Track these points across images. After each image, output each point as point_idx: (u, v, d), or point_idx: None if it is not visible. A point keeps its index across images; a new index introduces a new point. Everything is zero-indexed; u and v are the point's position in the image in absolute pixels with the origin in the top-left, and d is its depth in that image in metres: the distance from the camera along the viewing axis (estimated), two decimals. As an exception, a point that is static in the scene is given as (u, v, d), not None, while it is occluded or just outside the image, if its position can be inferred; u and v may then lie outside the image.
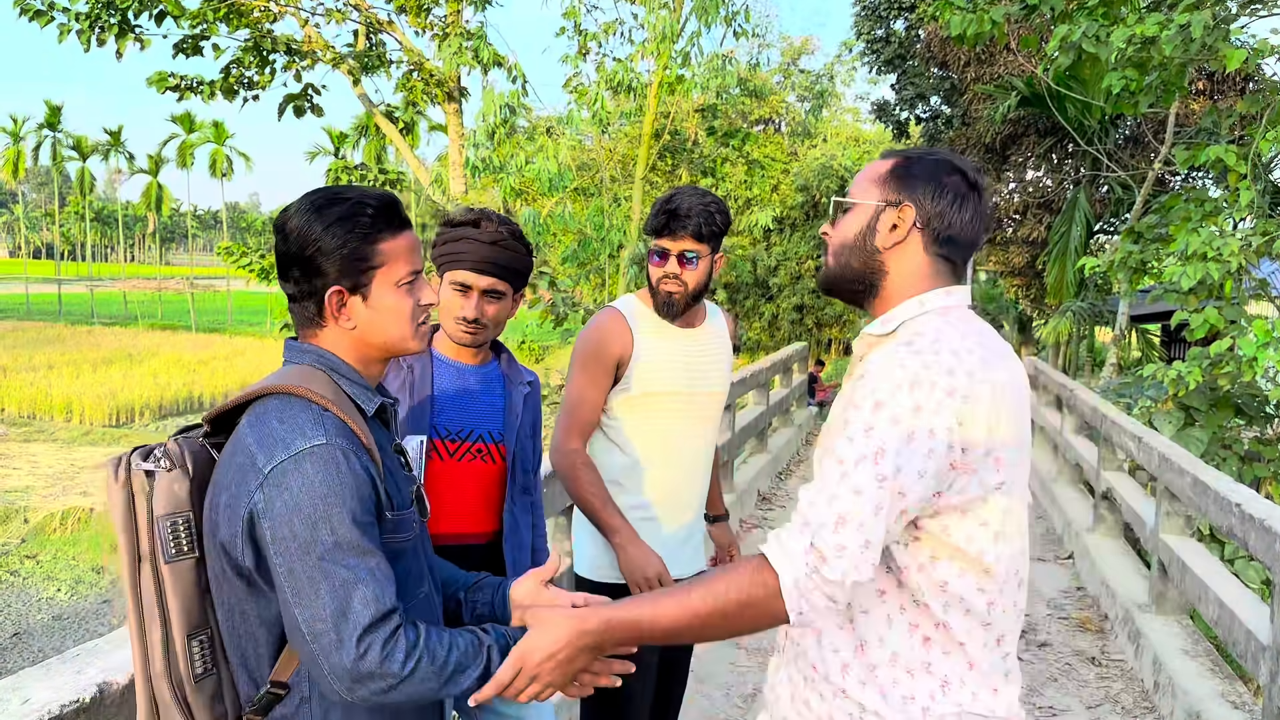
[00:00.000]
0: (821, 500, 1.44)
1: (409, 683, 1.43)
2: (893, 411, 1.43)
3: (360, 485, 1.45)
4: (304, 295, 1.55)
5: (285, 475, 1.41)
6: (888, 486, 1.42)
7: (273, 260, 11.48)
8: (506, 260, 2.29)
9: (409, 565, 1.60)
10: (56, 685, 1.59)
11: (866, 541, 1.41)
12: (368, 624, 1.40)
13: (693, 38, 13.05)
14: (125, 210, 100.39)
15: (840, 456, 1.45)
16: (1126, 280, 10.98)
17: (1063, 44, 7.44)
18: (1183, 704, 4.17)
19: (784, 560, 1.43)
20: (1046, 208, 16.63)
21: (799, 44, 30.42)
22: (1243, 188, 7.49)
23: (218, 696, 1.49)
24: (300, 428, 1.44)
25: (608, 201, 14.28)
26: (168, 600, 1.45)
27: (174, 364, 32.45)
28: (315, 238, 1.51)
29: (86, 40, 12.53)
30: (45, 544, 14.91)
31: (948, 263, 1.64)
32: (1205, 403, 8.07)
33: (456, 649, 1.49)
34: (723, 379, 2.81)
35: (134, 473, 1.46)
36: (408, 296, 1.58)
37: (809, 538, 1.42)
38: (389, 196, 1.59)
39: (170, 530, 1.45)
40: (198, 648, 1.46)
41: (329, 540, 1.41)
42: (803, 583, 1.41)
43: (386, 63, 13.86)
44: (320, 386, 1.51)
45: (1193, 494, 4.65)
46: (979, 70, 15.85)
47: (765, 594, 1.43)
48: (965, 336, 1.51)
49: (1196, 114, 13.46)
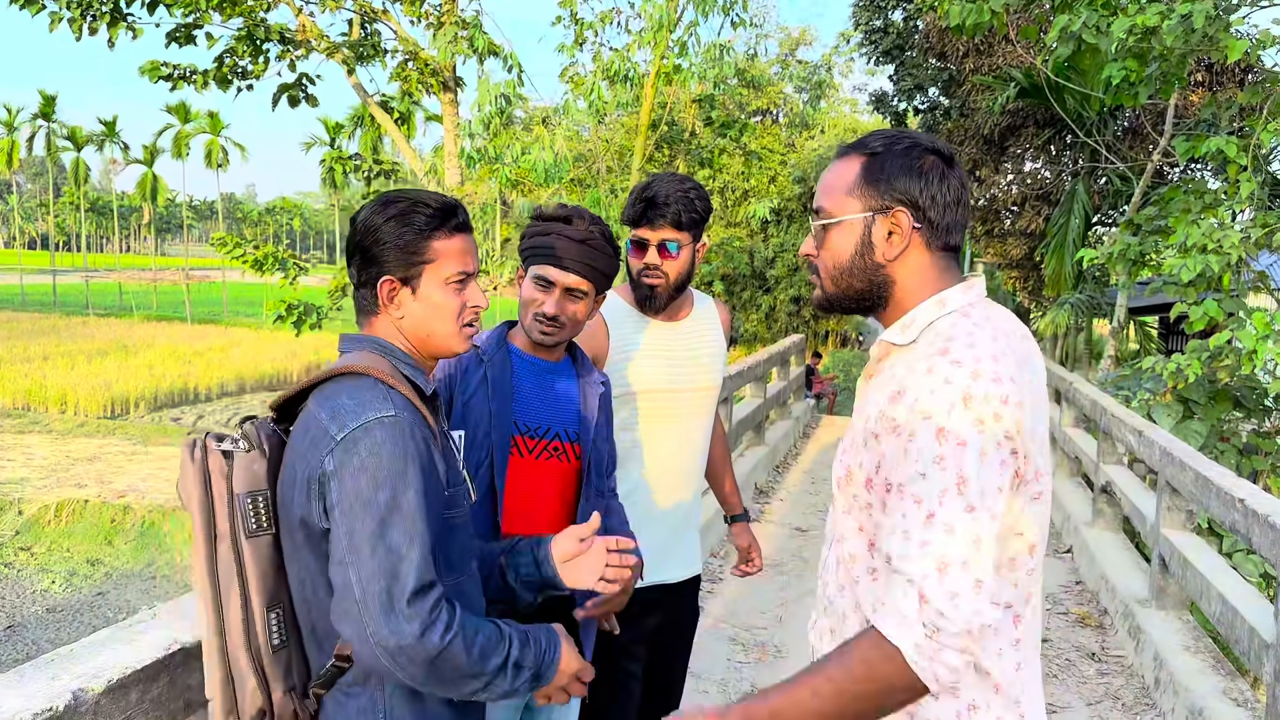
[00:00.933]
0: (914, 550, 1.33)
1: (444, 658, 1.47)
2: (957, 433, 1.33)
3: (423, 457, 1.56)
4: (363, 283, 1.68)
5: (356, 442, 1.50)
6: (981, 514, 1.32)
7: (267, 251, 11.49)
8: (593, 259, 2.23)
9: (462, 541, 1.70)
10: (28, 693, 1.54)
11: (977, 581, 1.30)
12: (415, 588, 1.46)
13: (690, 27, 12.97)
14: (120, 201, 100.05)
15: (917, 495, 1.34)
16: (1125, 272, 10.96)
17: (1062, 34, 7.39)
18: (1184, 701, 4.13)
19: (899, 628, 1.32)
20: (1045, 199, 16.57)
21: (797, 34, 30.32)
22: (1243, 179, 7.45)
23: (290, 669, 1.58)
24: (370, 401, 1.54)
25: (605, 193, 14.21)
26: (247, 574, 1.53)
27: (169, 355, 32.38)
28: (375, 229, 1.65)
29: (78, 29, 12.43)
30: (40, 536, 14.85)
31: (950, 252, 1.56)
32: (1204, 395, 8.05)
33: (482, 634, 1.55)
34: (711, 373, 2.68)
35: (211, 453, 1.54)
36: (455, 296, 1.68)
37: (915, 595, 1.31)
38: (450, 201, 1.71)
39: (251, 506, 1.54)
40: (275, 620, 1.56)
41: (389, 503, 1.48)
42: (926, 646, 1.30)
43: (381, 52, 13.77)
44: (383, 368, 1.62)
45: (1195, 489, 4.60)
46: (977, 61, 15.77)
47: (894, 668, 1.32)
48: (996, 339, 1.42)
49: (1196, 105, 13.41)
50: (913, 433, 1.36)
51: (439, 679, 1.50)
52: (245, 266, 13.06)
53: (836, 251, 1.56)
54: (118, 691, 1.63)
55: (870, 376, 1.60)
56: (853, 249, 1.54)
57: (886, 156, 1.52)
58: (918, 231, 1.52)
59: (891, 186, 1.51)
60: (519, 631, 1.62)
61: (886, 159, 1.52)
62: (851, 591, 1.57)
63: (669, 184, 2.47)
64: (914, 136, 1.55)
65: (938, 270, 1.54)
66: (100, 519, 15.16)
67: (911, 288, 1.53)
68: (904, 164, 1.51)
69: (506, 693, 1.58)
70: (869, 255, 1.53)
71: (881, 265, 1.53)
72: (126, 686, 1.64)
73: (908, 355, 1.49)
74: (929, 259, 1.53)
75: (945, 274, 1.54)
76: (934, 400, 1.36)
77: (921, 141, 1.54)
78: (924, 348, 1.46)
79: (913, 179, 1.50)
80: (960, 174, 1.54)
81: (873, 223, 1.53)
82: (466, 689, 1.54)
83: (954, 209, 1.52)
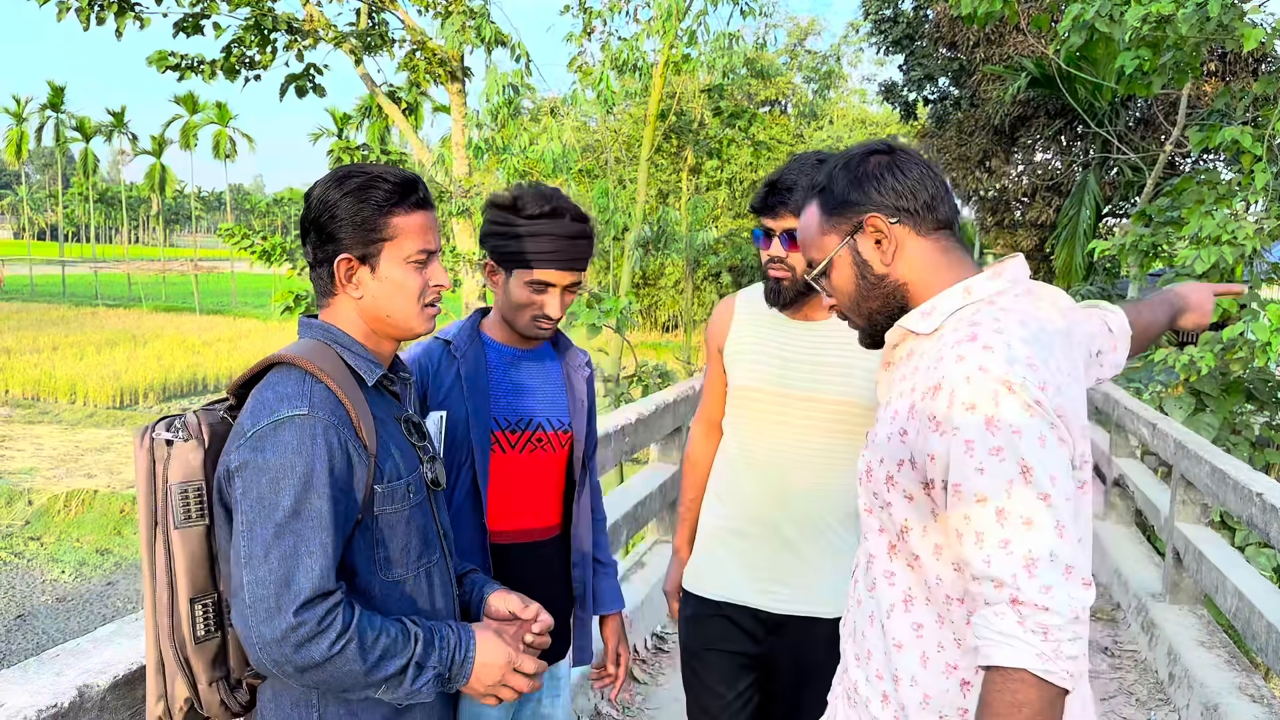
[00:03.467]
0: (995, 554, 1.27)
1: (330, 665, 1.44)
2: (1009, 421, 1.28)
3: (334, 459, 1.50)
4: (319, 262, 1.62)
5: (262, 439, 1.48)
6: (1056, 499, 1.27)
7: (274, 242, 11.35)
8: (585, 251, 2.15)
9: (409, 535, 1.63)
10: (34, 689, 1.52)
11: (1067, 567, 1.26)
12: (306, 598, 1.43)
13: (699, 16, 12.91)
14: (129, 192, 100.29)
15: (979, 493, 1.29)
16: (1136, 264, 10.87)
17: (1075, 23, 7.33)
18: (1199, 696, 4.09)
19: (1013, 651, 1.25)
20: (1055, 190, 16.49)
21: (806, 24, 30.20)
22: (1257, 170, 7.38)
23: (219, 659, 1.55)
24: (287, 397, 1.51)
25: (613, 183, 14.17)
26: (175, 564, 1.52)
27: (178, 346, 32.44)
28: (331, 204, 1.59)
29: (86, 18, 12.38)
30: (49, 526, 14.89)
31: (945, 231, 1.51)
32: (1216, 388, 7.99)
33: (386, 635, 1.51)
34: (842, 385, 2.25)
35: (156, 442, 1.53)
36: (416, 274, 1.62)
37: (1008, 605, 1.26)
38: (409, 175, 1.64)
39: (180, 497, 1.52)
40: (200, 611, 1.52)
41: (289, 507, 1.45)
42: (1046, 651, 1.24)
43: (389, 41, 13.71)
44: (320, 358, 1.56)
45: (1210, 482, 4.56)
46: (988, 51, 15.68)
47: (1031, 689, 1.24)
48: (1025, 324, 1.38)
49: (1209, 96, 13.31)
50: (957, 427, 1.31)
51: (329, 685, 1.48)
52: (253, 257, 13.03)
53: (844, 288, 1.55)
54: (123, 687, 1.61)
55: (888, 365, 1.56)
56: (854, 276, 1.53)
57: (832, 181, 1.53)
58: (899, 226, 1.48)
59: (850, 204, 1.50)
60: (426, 630, 1.57)
61: (833, 183, 1.53)
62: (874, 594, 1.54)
63: (799, 167, 2.21)
64: (847, 153, 1.55)
65: (940, 252, 1.50)
66: (110, 509, 15.19)
67: (922, 279, 1.50)
68: (849, 179, 1.51)
69: (410, 694, 1.53)
70: (869, 273, 1.51)
71: (885, 275, 1.51)
72: (133, 683, 1.62)
73: (932, 344, 1.45)
74: (926, 244, 1.50)
75: (950, 254, 1.50)
76: (974, 390, 1.31)
77: (851, 151, 1.54)
78: (949, 335, 1.41)
79: (866, 185, 1.49)
80: (909, 155, 1.51)
81: (855, 245, 1.51)
82: (362, 692, 1.51)
83: (922, 188, 1.49)
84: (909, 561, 1.47)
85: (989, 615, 1.28)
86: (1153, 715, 4.34)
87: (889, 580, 1.49)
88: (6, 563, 13.66)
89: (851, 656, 1.59)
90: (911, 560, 1.46)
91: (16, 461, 18.31)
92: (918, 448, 1.38)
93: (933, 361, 1.40)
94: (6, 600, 12.46)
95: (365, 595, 1.57)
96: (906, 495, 1.43)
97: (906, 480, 1.43)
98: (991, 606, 1.28)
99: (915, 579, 1.46)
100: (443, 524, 1.75)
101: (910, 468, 1.41)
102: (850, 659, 1.60)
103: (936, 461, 1.35)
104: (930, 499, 1.40)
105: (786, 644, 2.30)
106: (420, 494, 1.67)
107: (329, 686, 1.49)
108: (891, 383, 1.53)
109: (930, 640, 1.44)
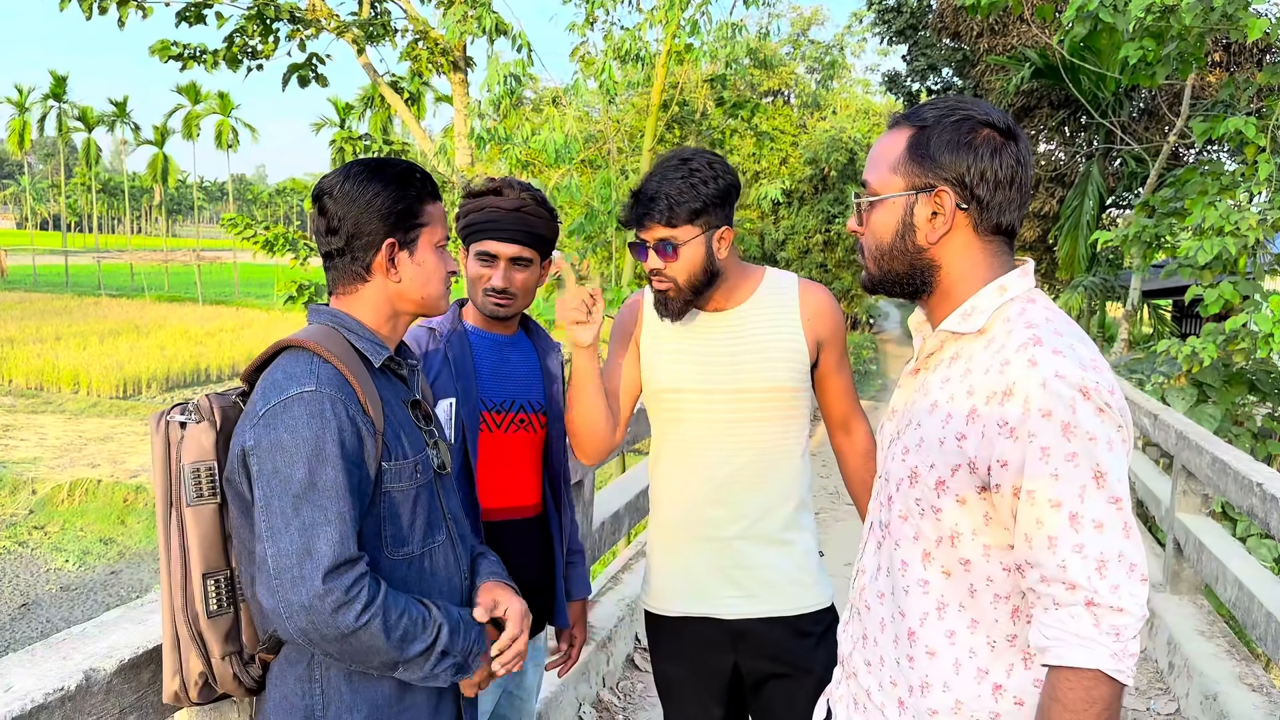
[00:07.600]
0: (1070, 558, 1.28)
1: (358, 637, 1.48)
2: (1085, 428, 1.28)
3: (344, 431, 1.55)
4: (346, 250, 1.68)
5: (275, 417, 1.53)
6: (1124, 503, 1.29)
7: (277, 231, 11.29)
8: (531, 226, 2.24)
9: (415, 514, 1.68)
10: (41, 672, 1.53)
11: (1131, 565, 1.28)
12: (330, 566, 1.47)
13: (701, 5, 12.85)
14: (131, 182, 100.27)
15: (1053, 498, 1.29)
16: (1139, 255, 10.87)
17: (1079, 14, 7.32)
18: (1199, 686, 4.11)
19: (1088, 652, 1.27)
20: (1059, 181, 16.47)
21: (809, 14, 30.06)
22: (1261, 160, 7.37)
23: (232, 634, 1.61)
24: (295, 376, 1.57)
25: (615, 173, 14.14)
26: (188, 541, 1.58)
27: (181, 336, 32.46)
28: (375, 193, 1.66)
29: (88, 8, 12.36)
30: (53, 515, 14.95)
31: (1003, 236, 1.45)
32: (1218, 379, 7.99)
33: (408, 616, 1.55)
34: (765, 372, 2.17)
35: (170, 425, 1.60)
36: (444, 258, 1.75)
37: (1083, 607, 1.28)
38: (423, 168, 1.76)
39: (193, 476, 1.58)
40: (213, 587, 1.58)
41: (304, 479, 1.50)
42: (1115, 648, 1.27)
43: (391, 31, 13.68)
44: (328, 341, 1.62)
45: (1211, 473, 4.57)
46: (992, 41, 15.64)
47: (1102, 686, 1.27)
48: (1071, 324, 1.37)
49: (1213, 86, 13.27)
50: (1033, 433, 1.30)
51: (354, 657, 1.52)
52: (256, 247, 13.03)
53: (878, 231, 1.48)
54: (129, 671, 1.62)
55: (924, 370, 1.50)
56: (894, 230, 1.46)
57: (935, 129, 1.42)
58: (964, 213, 1.42)
59: (937, 163, 1.41)
60: (450, 619, 1.62)
61: (935, 132, 1.42)
62: (895, 601, 1.50)
63: (659, 174, 2.11)
64: (970, 107, 1.43)
65: (988, 256, 1.44)
66: (113, 498, 15.25)
67: (961, 274, 1.44)
68: (953, 138, 1.41)
69: (425, 677, 1.59)
70: (910, 238, 1.44)
71: (924, 249, 1.44)
72: (139, 666, 1.63)
73: (982, 345, 1.40)
74: (978, 243, 1.44)
75: (995, 259, 1.44)
76: (1050, 396, 1.29)
77: (975, 113, 1.42)
78: (1006, 337, 1.37)
79: (961, 154, 1.40)
80: (1020, 150, 1.43)
81: (915, 202, 1.43)
82: (385, 669, 1.56)
83: (1006, 188, 1.41)
84: (948, 567, 1.43)
85: (1063, 617, 1.29)
86: (1152, 704, 4.35)
87: (923, 589, 1.45)
88: (10, 552, 13.71)
89: (861, 662, 1.57)
90: (954, 565, 1.42)
91: (20, 451, 18.36)
92: (983, 453, 1.35)
93: (995, 364, 1.36)
94: (11, 589, 12.51)
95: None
96: (959, 499, 1.40)
97: (961, 484, 1.39)
98: (1064, 608, 1.29)
99: (952, 585, 1.43)
100: (449, 508, 1.80)
101: (969, 472, 1.37)
102: (859, 664, 1.58)
103: (1008, 467, 1.33)
104: (986, 503, 1.38)
105: (749, 646, 2.25)
106: (427, 474, 1.72)
107: (355, 660, 1.53)
108: (929, 386, 1.47)
109: (963, 646, 1.43)
